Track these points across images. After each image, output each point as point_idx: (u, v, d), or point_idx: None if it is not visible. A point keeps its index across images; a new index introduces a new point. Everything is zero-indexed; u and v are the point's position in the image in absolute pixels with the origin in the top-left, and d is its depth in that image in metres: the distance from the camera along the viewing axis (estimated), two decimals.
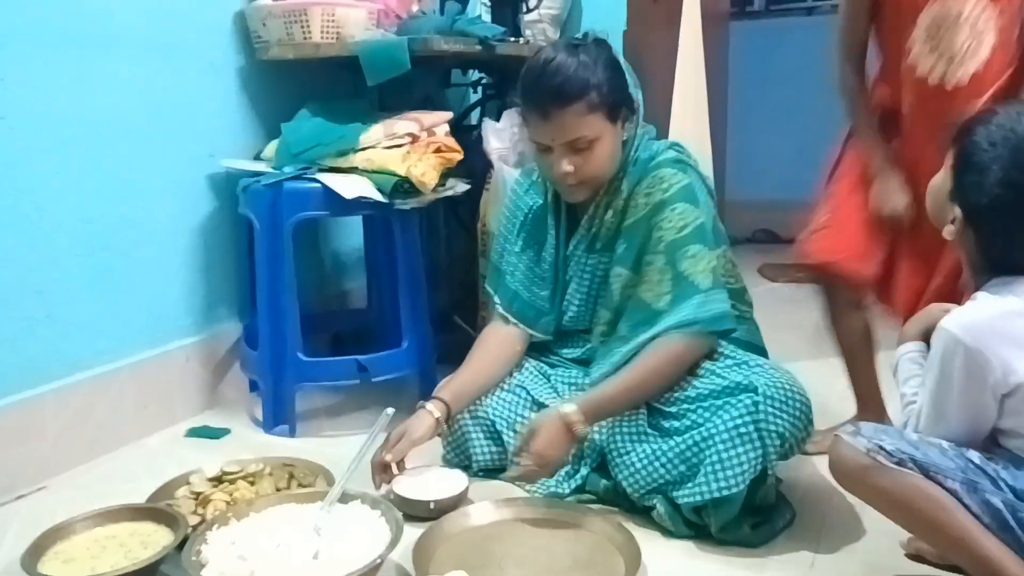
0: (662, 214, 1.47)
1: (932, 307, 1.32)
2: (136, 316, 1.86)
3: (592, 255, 1.59)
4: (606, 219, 1.55)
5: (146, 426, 1.88)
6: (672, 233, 1.46)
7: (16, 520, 1.51)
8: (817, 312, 1.80)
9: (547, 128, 1.45)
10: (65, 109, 1.67)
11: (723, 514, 1.33)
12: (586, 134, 1.44)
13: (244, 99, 2.08)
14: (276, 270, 1.83)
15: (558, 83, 1.41)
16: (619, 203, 1.53)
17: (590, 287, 1.60)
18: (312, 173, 1.83)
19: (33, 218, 1.63)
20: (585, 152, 1.45)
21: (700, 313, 1.42)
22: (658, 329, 1.44)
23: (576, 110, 1.42)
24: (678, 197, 1.47)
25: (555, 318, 1.65)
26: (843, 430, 1.19)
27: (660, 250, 1.46)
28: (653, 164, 1.52)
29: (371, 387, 1.93)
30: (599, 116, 1.44)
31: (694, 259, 1.45)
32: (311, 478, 1.53)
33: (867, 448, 1.14)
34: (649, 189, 1.49)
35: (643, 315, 1.47)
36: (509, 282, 1.67)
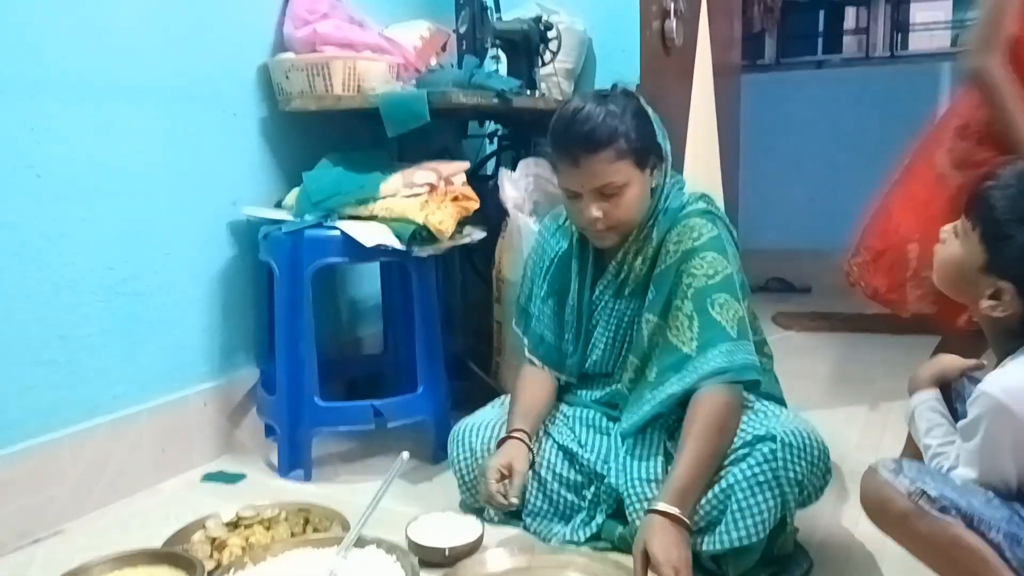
0: (692, 261, 1.48)
1: (942, 358, 1.31)
2: (155, 361, 1.88)
3: (620, 300, 1.60)
4: (635, 266, 1.57)
5: (163, 471, 1.89)
6: (702, 280, 1.47)
7: (33, 564, 1.52)
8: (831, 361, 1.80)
9: (576, 175, 1.48)
10: (91, 159, 1.71)
11: (743, 563, 1.33)
12: (615, 180, 1.46)
13: (266, 149, 2.13)
14: (295, 316, 1.86)
15: (587, 131, 1.44)
16: (649, 251, 1.55)
17: (616, 332, 1.61)
18: (332, 221, 1.86)
19: (57, 265, 1.67)
20: (614, 198, 1.48)
21: (729, 362, 1.42)
22: (691, 380, 1.42)
23: (605, 156, 1.45)
24: (708, 246, 1.49)
25: (579, 362, 1.65)
26: (883, 465, 1.13)
27: (689, 296, 1.47)
28: (683, 214, 1.54)
29: (386, 432, 1.94)
30: (628, 163, 1.46)
31: (723, 307, 1.45)
32: (327, 523, 1.53)
33: (909, 491, 1.08)
34: (679, 238, 1.51)
35: (671, 360, 1.47)
36: (535, 326, 1.69)
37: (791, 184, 4.13)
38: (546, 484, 1.57)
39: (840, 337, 3.15)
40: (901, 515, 1.09)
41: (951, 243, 1.19)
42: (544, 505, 1.58)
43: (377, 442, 2.06)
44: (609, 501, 1.50)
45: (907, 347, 2.98)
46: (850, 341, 3.09)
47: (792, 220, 4.13)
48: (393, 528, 1.57)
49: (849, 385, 2.51)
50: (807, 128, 4.09)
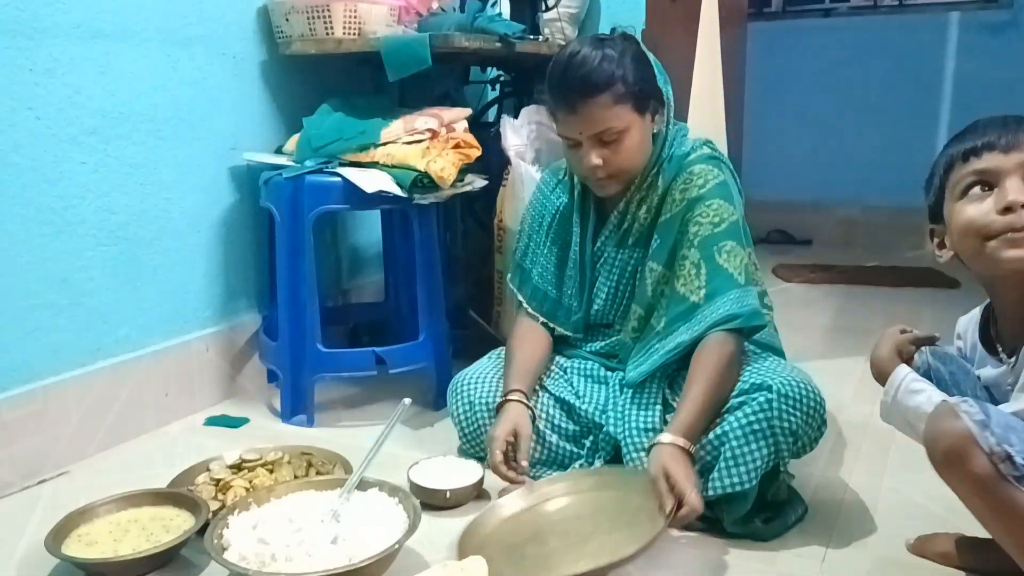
0: (698, 209, 1.47)
1: (892, 333, 1.26)
2: (157, 306, 1.89)
3: (623, 250, 1.59)
4: (639, 215, 1.56)
5: (166, 414, 1.90)
6: (708, 228, 1.46)
7: (39, 504, 1.54)
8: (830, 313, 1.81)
9: (574, 121, 1.46)
10: (90, 101, 1.70)
11: (735, 509, 1.35)
12: (614, 125, 1.44)
13: (266, 93, 2.10)
14: (296, 262, 1.86)
15: (583, 75, 1.42)
16: (654, 199, 1.54)
17: (618, 282, 1.61)
18: (333, 167, 1.85)
19: (58, 208, 1.66)
20: (613, 144, 1.46)
21: (739, 308, 1.42)
22: (700, 328, 1.43)
23: (602, 101, 1.42)
24: (714, 193, 1.48)
25: (583, 316, 1.65)
26: (967, 410, 1.01)
27: (695, 244, 1.46)
28: (688, 161, 1.53)
29: (387, 379, 1.95)
30: (626, 107, 1.44)
31: (730, 254, 1.45)
32: (329, 466, 1.56)
33: (991, 450, 0.98)
34: (685, 185, 1.50)
35: (679, 309, 1.47)
36: (538, 282, 1.68)
37: (795, 135, 4.10)
38: (544, 436, 1.58)
39: (839, 289, 3.16)
40: (975, 475, 0.99)
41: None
42: (542, 455, 1.59)
43: (379, 389, 2.08)
44: (607, 448, 1.52)
45: (906, 299, 3.01)
46: (849, 293, 3.10)
47: (795, 172, 4.11)
48: (395, 471, 1.59)
49: (847, 336, 2.53)
50: (813, 78, 4.05)
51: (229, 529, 1.25)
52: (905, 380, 1.16)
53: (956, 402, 1.03)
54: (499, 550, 1.29)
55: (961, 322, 1.27)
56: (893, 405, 1.17)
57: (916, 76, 3.83)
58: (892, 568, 1.28)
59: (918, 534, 1.33)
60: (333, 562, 1.16)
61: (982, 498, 1.02)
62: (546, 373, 1.65)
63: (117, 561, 1.26)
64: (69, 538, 1.33)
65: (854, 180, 4.01)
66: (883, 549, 1.34)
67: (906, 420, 1.15)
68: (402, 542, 1.20)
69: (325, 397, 2.05)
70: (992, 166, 1.08)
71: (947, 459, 1.03)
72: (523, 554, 1.29)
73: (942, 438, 1.02)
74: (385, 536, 1.22)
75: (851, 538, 1.37)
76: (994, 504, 1.01)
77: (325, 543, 1.20)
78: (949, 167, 1.14)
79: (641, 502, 1.29)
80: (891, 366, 1.20)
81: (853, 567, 1.29)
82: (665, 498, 1.24)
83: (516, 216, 2.13)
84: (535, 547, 1.31)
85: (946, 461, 1.03)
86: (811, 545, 1.35)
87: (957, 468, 1.02)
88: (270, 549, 1.18)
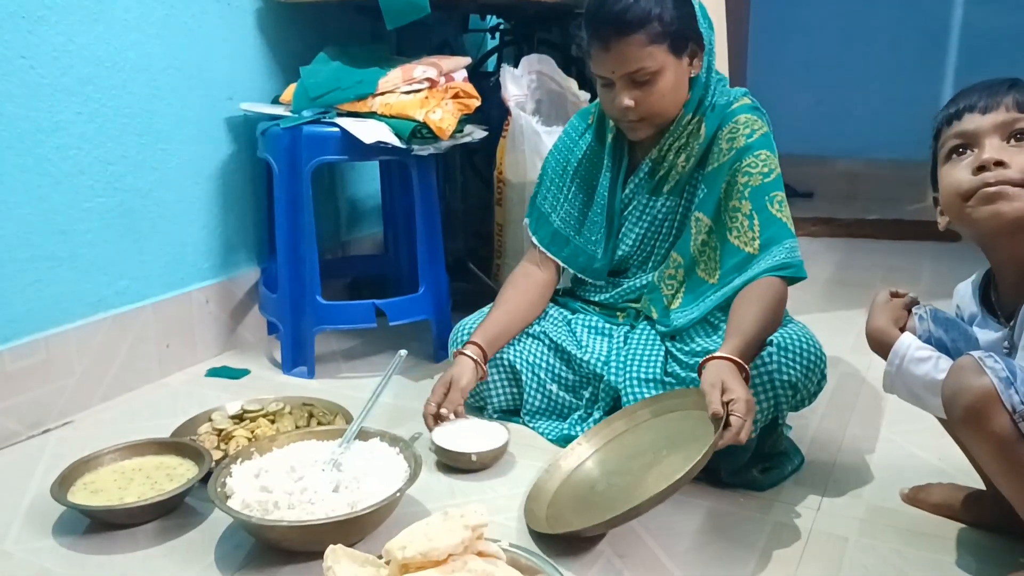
0: (746, 159, 1.45)
1: (881, 301, 1.22)
2: (157, 258, 1.89)
3: (657, 198, 1.57)
4: (677, 163, 1.53)
5: (168, 366, 1.92)
6: (759, 178, 1.44)
7: (44, 453, 1.56)
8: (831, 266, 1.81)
9: (607, 59, 1.43)
10: (85, 49, 1.67)
11: (733, 460, 1.36)
12: (647, 65, 1.41)
13: (262, 42, 2.07)
14: (295, 214, 1.85)
15: (618, 11, 1.39)
16: (695, 147, 1.51)
17: (648, 230, 1.59)
18: (330, 117, 1.83)
19: (55, 159, 1.65)
20: (646, 86, 1.43)
21: (792, 258, 1.41)
22: (754, 273, 1.41)
23: (637, 40, 1.39)
24: (761, 143, 1.46)
25: (607, 263, 1.64)
26: (992, 366, 0.97)
27: (747, 195, 1.44)
28: (732, 111, 1.50)
29: (387, 331, 1.96)
30: (661, 48, 1.41)
31: (782, 204, 1.44)
32: (330, 417, 1.57)
33: (1015, 409, 0.95)
34: (732, 135, 1.47)
35: (734, 260, 1.45)
36: (559, 227, 1.66)
37: (798, 87, 4.05)
38: (544, 385, 1.59)
39: (841, 242, 3.16)
40: (996, 434, 0.96)
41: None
42: (542, 404, 1.61)
43: (379, 341, 2.09)
44: (607, 399, 1.53)
45: (907, 253, 3.01)
46: (851, 246, 3.10)
47: (798, 124, 4.06)
48: (396, 422, 1.61)
49: (848, 289, 2.53)
50: (817, 30, 3.99)
51: (232, 478, 1.27)
52: (910, 349, 1.13)
53: (981, 355, 0.99)
54: (567, 504, 1.30)
55: (959, 289, 1.25)
56: (898, 375, 1.14)
57: (922, 27, 3.77)
58: (886, 517, 1.30)
59: (913, 484, 1.35)
60: (335, 510, 1.18)
61: (1000, 457, 1.00)
62: (548, 320, 1.65)
63: (122, 508, 1.28)
64: (75, 486, 1.34)
65: (857, 133, 3.98)
66: (878, 499, 1.35)
67: (911, 391, 1.13)
68: (403, 490, 1.22)
69: (326, 349, 2.06)
70: (971, 128, 1.08)
71: (967, 415, 0.99)
72: (590, 502, 1.29)
73: (964, 393, 0.99)
74: (386, 484, 1.24)
75: (846, 488, 1.39)
76: (1012, 464, 0.99)
77: (327, 491, 1.22)
78: (937, 133, 1.14)
79: (698, 418, 1.24)
80: (892, 335, 1.16)
81: (848, 516, 1.31)
82: (717, 406, 1.18)
83: (516, 168, 2.11)
84: (600, 492, 1.31)
85: (966, 417, 0.99)
86: (807, 495, 1.37)
87: (977, 426, 0.99)
88: (273, 497, 1.19)
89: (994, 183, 1.04)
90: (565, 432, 1.55)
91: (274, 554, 1.21)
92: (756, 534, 1.26)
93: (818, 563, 1.18)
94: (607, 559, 1.20)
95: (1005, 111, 1.06)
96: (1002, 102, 1.07)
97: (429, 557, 0.96)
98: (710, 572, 1.17)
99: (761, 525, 1.28)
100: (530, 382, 1.59)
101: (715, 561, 1.19)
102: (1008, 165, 1.04)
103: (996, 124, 1.06)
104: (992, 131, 1.06)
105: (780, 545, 1.23)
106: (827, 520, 1.29)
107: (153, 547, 1.25)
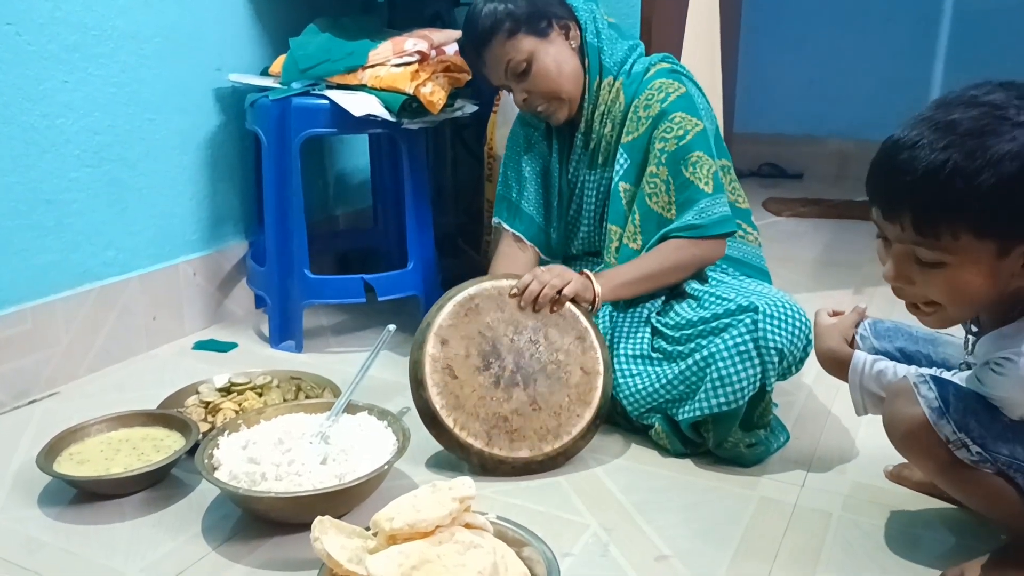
0: (662, 125, 1.50)
1: (823, 318, 1.23)
2: (144, 229, 1.87)
3: (595, 171, 1.62)
4: (604, 133, 1.58)
5: (155, 338, 1.91)
6: (673, 143, 1.48)
7: (31, 423, 1.55)
8: (819, 246, 1.82)
9: (489, 71, 1.57)
10: (72, 17, 1.65)
11: (722, 430, 1.36)
12: (513, 57, 1.52)
13: (251, 12, 2.05)
14: (284, 186, 1.84)
15: (472, 27, 1.54)
16: (617, 115, 1.55)
17: (595, 205, 1.63)
18: (320, 90, 1.81)
19: (41, 128, 1.63)
20: (528, 74, 1.53)
21: (702, 218, 1.47)
22: (663, 232, 1.49)
23: (496, 42, 1.52)
24: (676, 106, 1.50)
25: (561, 240, 1.68)
26: (925, 394, 0.99)
27: (663, 161, 1.49)
28: (647, 78, 1.54)
29: (375, 306, 1.96)
30: (521, 36, 1.52)
31: (696, 165, 1.48)
32: (318, 390, 1.57)
33: (948, 439, 0.98)
34: (648, 101, 1.52)
35: (652, 225, 1.52)
36: (526, 208, 1.69)
37: (790, 67, 4.04)
38: None
39: (829, 223, 3.16)
40: (933, 460, 1.02)
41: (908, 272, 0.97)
42: None
43: (367, 316, 2.08)
44: None
45: None
46: (839, 227, 3.10)
47: (788, 104, 4.07)
48: (385, 396, 1.61)
49: (835, 270, 2.54)
50: (809, 9, 3.97)
51: (220, 449, 1.27)
52: (866, 365, 1.13)
53: (916, 381, 1.01)
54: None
55: None
56: (864, 394, 1.14)
57: (915, 8, 3.76)
58: (869, 493, 1.31)
59: (896, 463, 1.36)
60: (323, 482, 1.18)
61: (942, 477, 1.05)
62: None
63: (109, 479, 1.28)
64: (61, 456, 1.34)
65: (848, 113, 3.97)
66: (861, 476, 1.37)
67: (878, 405, 1.13)
68: (391, 463, 1.22)
69: (314, 323, 2.06)
70: (879, 222, 0.98)
71: (904, 443, 1.05)
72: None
73: (898, 423, 1.03)
74: (374, 457, 1.24)
75: (831, 464, 1.40)
76: (955, 483, 1.05)
77: (315, 463, 1.22)
78: None
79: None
80: (844, 353, 1.16)
81: (832, 492, 1.32)
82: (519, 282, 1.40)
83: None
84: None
85: (903, 444, 1.05)
86: (792, 470, 1.38)
87: (915, 452, 1.04)
88: (260, 469, 1.20)
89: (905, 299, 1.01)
90: None
91: (261, 525, 1.21)
92: (741, 509, 1.27)
93: (802, 538, 1.20)
94: (593, 532, 1.21)
95: (901, 230, 0.94)
96: (900, 215, 0.93)
97: (417, 528, 0.97)
98: (695, 546, 1.18)
99: (746, 500, 1.29)
100: None
101: (700, 535, 1.20)
102: (903, 292, 0.99)
103: (896, 238, 0.96)
104: (894, 242, 0.97)
105: (765, 520, 1.24)
106: (811, 496, 1.31)
107: (140, 518, 1.25)
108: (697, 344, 1.40)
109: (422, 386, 1.36)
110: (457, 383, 1.36)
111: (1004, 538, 1.12)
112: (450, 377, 1.36)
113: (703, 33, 2.43)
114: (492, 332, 1.40)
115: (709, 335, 1.39)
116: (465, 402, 1.35)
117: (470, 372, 1.37)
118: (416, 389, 1.37)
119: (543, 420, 1.36)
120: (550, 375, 1.38)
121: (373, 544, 0.99)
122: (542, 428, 1.35)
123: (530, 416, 1.36)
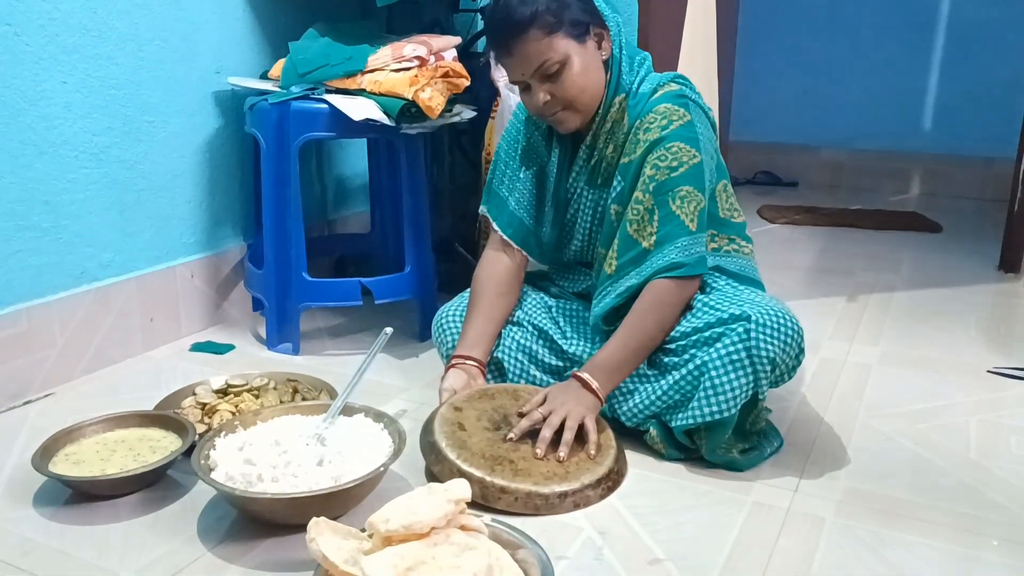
0: (656, 152, 1.44)
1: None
2: (142, 231, 1.88)
3: (593, 190, 1.58)
4: (607, 153, 1.54)
5: (151, 340, 1.91)
6: (665, 172, 1.43)
7: (26, 424, 1.55)
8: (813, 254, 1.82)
9: (514, 63, 1.45)
10: (70, 17, 1.65)
11: (715, 437, 1.37)
12: (550, 57, 1.42)
13: (251, 16, 2.06)
14: (282, 190, 1.84)
15: (507, 15, 1.41)
16: (620, 136, 1.51)
17: (591, 222, 1.60)
18: (319, 94, 1.82)
19: (39, 129, 1.63)
20: (557, 77, 1.44)
21: (685, 256, 1.42)
22: (647, 274, 1.43)
23: (533, 36, 1.41)
24: (676, 135, 1.44)
25: (552, 248, 1.65)
26: None
27: (651, 189, 1.44)
28: (653, 100, 1.49)
29: (372, 310, 1.96)
30: (560, 36, 1.42)
31: (684, 200, 1.43)
32: (315, 392, 1.57)
33: None
34: (649, 125, 1.46)
35: (630, 254, 1.46)
36: (515, 209, 1.67)
37: (786, 76, 4.07)
38: (527, 370, 1.59)
39: (823, 231, 3.18)
40: None
41: None
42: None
43: (364, 320, 2.09)
44: None
45: (888, 242, 3.03)
46: (833, 235, 3.12)
47: (784, 114, 4.10)
48: (381, 399, 1.62)
49: (829, 277, 2.55)
50: (804, 19, 4.00)
51: (216, 450, 1.27)
52: None
53: None
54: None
55: None
56: None
57: (909, 18, 3.79)
58: (862, 499, 1.32)
59: (889, 468, 1.36)
60: (319, 483, 1.18)
61: None
62: (531, 305, 1.65)
63: (105, 479, 1.28)
64: (56, 457, 1.34)
65: (842, 123, 4.00)
66: (855, 481, 1.37)
67: None
68: (387, 465, 1.22)
69: (311, 326, 2.06)
70: None
71: None
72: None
73: None
74: (370, 459, 1.24)
75: (824, 470, 1.41)
76: None
77: (311, 465, 1.22)
78: None
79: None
80: None
81: (825, 497, 1.33)
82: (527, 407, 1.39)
83: None
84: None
85: None
86: (785, 476, 1.39)
87: None
88: (256, 470, 1.20)
89: None
90: None
91: (257, 527, 1.22)
92: (735, 513, 1.28)
93: (795, 543, 1.20)
94: (587, 536, 1.21)
95: None
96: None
97: (412, 530, 0.97)
98: (689, 550, 1.18)
99: (740, 505, 1.30)
100: (513, 368, 1.59)
101: (694, 539, 1.21)
102: None
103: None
104: None
105: (758, 525, 1.25)
106: (805, 501, 1.32)
107: (135, 519, 1.25)
108: (691, 354, 1.40)
109: (428, 431, 1.38)
110: (465, 434, 1.37)
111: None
112: (459, 429, 1.37)
113: (700, 42, 2.45)
114: (504, 410, 1.44)
115: (703, 345, 1.39)
116: (471, 447, 1.34)
117: (479, 429, 1.39)
118: (423, 435, 1.39)
119: (551, 466, 1.33)
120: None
121: (369, 545, 1.00)
122: (548, 471, 1.32)
123: (537, 463, 1.33)
